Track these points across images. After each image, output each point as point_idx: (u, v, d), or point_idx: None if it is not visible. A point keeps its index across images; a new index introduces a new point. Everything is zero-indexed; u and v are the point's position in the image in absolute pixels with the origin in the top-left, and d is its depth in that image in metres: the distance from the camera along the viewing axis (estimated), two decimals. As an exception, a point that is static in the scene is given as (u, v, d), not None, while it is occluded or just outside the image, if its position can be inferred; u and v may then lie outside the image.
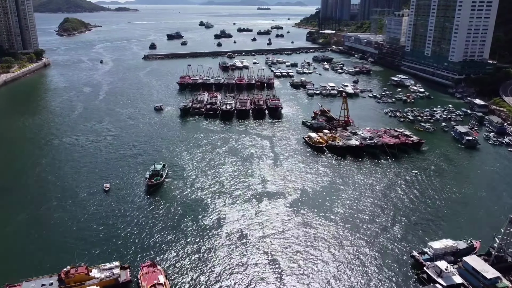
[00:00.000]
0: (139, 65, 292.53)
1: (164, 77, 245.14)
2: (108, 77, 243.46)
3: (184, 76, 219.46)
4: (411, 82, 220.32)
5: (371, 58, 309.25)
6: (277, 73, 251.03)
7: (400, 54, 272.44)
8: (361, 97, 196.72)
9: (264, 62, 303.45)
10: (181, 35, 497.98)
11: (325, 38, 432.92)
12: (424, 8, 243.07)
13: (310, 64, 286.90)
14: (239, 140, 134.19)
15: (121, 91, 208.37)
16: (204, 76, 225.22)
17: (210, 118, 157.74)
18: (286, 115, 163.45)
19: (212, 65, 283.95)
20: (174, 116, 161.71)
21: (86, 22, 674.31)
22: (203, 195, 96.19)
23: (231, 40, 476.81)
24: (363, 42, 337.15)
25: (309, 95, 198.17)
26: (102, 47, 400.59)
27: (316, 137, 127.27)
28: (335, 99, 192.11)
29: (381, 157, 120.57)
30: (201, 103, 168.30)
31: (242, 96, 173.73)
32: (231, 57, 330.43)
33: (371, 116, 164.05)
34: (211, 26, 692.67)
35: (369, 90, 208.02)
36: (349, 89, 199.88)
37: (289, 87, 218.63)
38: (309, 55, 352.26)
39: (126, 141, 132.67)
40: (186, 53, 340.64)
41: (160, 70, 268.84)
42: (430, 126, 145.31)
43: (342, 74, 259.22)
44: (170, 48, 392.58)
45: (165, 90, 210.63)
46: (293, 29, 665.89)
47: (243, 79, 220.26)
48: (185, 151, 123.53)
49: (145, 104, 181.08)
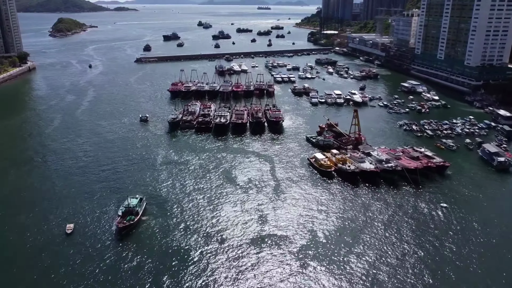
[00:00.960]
0: (131, 69, 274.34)
1: (156, 82, 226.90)
2: (95, 83, 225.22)
3: (176, 83, 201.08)
4: (423, 89, 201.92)
5: (378, 61, 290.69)
6: (277, 78, 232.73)
7: (409, 57, 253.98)
8: (370, 106, 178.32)
9: (264, 65, 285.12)
10: (178, 36, 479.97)
11: (328, 39, 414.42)
12: (436, 7, 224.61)
13: (312, 68, 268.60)
14: (234, 161, 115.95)
15: (107, 99, 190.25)
16: (198, 82, 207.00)
17: (202, 133, 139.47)
18: (287, 129, 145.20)
19: (208, 69, 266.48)
20: (161, 130, 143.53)
21: (81, 23, 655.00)
22: (189, 241, 77.93)
23: (229, 41, 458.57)
24: (368, 43, 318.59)
25: (312, 104, 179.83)
26: (94, 49, 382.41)
27: (323, 159, 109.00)
28: (342, 109, 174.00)
29: (401, 184, 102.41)
30: (193, 115, 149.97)
31: (239, 107, 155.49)
32: (228, 59, 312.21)
33: (384, 130, 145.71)
34: (210, 26, 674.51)
35: (378, 98, 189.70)
36: (357, 97, 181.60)
37: (291, 94, 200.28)
38: (311, 57, 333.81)
39: (102, 163, 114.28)
40: (181, 56, 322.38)
41: (152, 75, 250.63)
42: (453, 144, 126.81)
43: (348, 79, 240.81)
44: (165, 50, 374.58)
45: (155, 98, 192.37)
46: (294, 29, 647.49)
47: (240, 85, 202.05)
48: (170, 177, 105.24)
49: (131, 115, 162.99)
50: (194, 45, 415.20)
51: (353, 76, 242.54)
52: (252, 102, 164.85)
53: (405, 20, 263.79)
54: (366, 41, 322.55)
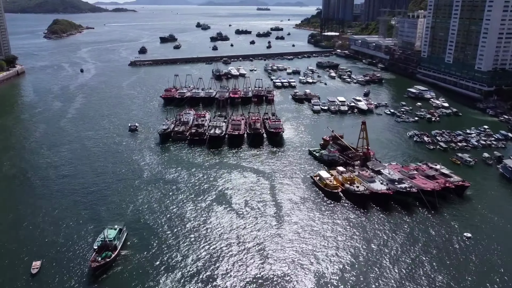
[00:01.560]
0: (124, 73, 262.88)
1: (149, 88, 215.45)
2: (85, 89, 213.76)
3: (169, 89, 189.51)
4: (431, 95, 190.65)
5: (381, 64, 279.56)
6: (277, 83, 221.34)
7: (415, 61, 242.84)
8: (376, 114, 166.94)
9: (263, 68, 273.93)
10: (175, 38, 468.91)
11: (329, 41, 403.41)
12: (444, 8, 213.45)
13: (314, 72, 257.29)
14: (230, 180, 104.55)
15: (96, 106, 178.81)
16: (193, 88, 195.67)
17: (195, 146, 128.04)
18: (288, 141, 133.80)
19: (205, 72, 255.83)
20: (151, 142, 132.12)
21: (77, 24, 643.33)
22: (175, 284, 66.58)
23: (228, 43, 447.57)
24: (371, 46, 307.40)
25: (315, 112, 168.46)
26: (88, 51, 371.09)
27: (328, 179, 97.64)
28: (346, 117, 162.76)
29: (416, 207, 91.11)
30: (185, 126, 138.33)
31: (236, 116, 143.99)
32: (226, 62, 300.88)
33: (393, 141, 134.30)
34: (208, 28, 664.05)
35: (384, 105, 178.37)
36: (362, 105, 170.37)
37: (291, 101, 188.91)
38: (312, 60, 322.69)
39: (81, 183, 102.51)
40: (177, 59, 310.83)
41: (146, 79, 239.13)
42: (471, 159, 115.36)
43: (351, 84, 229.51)
44: (161, 52, 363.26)
45: (147, 105, 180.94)
46: (293, 30, 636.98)
47: (238, 91, 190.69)
48: (156, 200, 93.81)
49: (120, 124, 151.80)
50: (191, 47, 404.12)
51: (357, 80, 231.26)
52: (250, 111, 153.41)
53: (410, 22, 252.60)
54: (369, 43, 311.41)
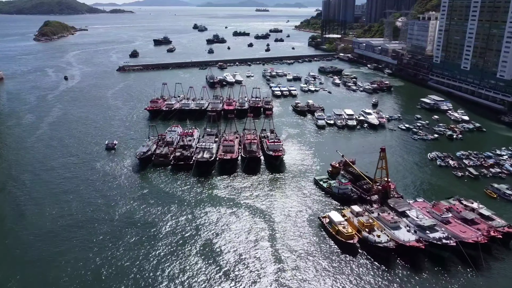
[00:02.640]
0: (111, 79, 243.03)
1: (136, 97, 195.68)
2: (65, 99, 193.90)
3: (156, 99, 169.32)
4: (448, 106, 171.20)
5: (388, 70, 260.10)
6: (276, 91, 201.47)
7: (426, 66, 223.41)
8: (389, 129, 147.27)
9: (261, 74, 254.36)
10: (169, 40, 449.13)
11: (330, 44, 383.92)
12: (460, 10, 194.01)
13: (316, 78, 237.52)
14: (219, 224, 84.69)
15: (73, 120, 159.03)
16: (183, 98, 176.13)
17: (180, 173, 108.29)
18: (290, 165, 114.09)
19: (198, 78, 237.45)
20: (128, 165, 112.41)
21: (70, 26, 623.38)
22: None
23: (224, 45, 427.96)
24: (376, 49, 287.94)
25: (319, 127, 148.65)
26: (76, 55, 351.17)
27: (341, 224, 77.99)
28: (355, 134, 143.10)
29: (454, 264, 71.51)
30: (169, 147, 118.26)
31: (228, 135, 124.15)
32: (222, 67, 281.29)
33: (412, 166, 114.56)
34: (205, 29, 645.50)
35: (397, 118, 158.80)
36: (373, 119, 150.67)
37: (292, 113, 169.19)
38: (313, 64, 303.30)
39: (30, 232, 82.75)
40: (169, 64, 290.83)
41: (134, 87, 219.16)
42: (511, 191, 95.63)
43: (357, 92, 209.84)
44: (154, 56, 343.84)
45: (131, 118, 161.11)
46: (293, 32, 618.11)
47: (233, 102, 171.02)
48: (124, 257, 73.87)
49: (97, 141, 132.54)
50: (186, 51, 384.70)
51: (363, 88, 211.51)
52: (245, 127, 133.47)
53: (420, 24, 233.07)
54: (374, 46, 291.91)
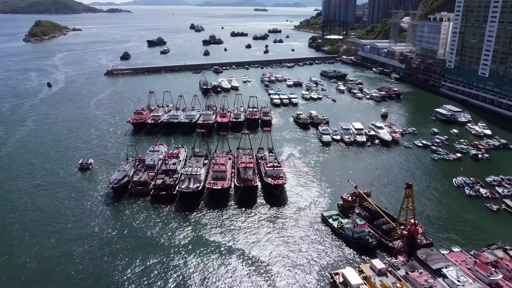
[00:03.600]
0: (98, 85, 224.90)
1: (122, 106, 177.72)
2: (42, 108, 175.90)
3: (140, 111, 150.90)
4: (467, 118, 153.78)
5: (396, 74, 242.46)
6: (275, 99, 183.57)
7: (438, 72, 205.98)
8: (404, 146, 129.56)
9: (259, 79, 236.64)
10: (164, 41, 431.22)
11: (332, 45, 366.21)
12: (478, 10, 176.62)
13: (318, 84, 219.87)
14: (205, 279, 67.06)
15: (47, 133, 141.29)
16: (172, 108, 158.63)
17: (161, 206, 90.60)
18: (292, 194, 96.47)
19: (191, 83, 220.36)
20: (102, 192, 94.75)
21: (63, 26, 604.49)
22: None
23: (221, 47, 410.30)
24: (382, 52, 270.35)
25: (324, 144, 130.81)
26: (64, 57, 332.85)
27: (359, 287, 60.42)
28: (365, 151, 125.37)
29: None
30: (149, 172, 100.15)
31: (220, 158, 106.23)
32: (217, 71, 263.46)
33: (436, 195, 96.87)
34: (202, 30, 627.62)
35: (412, 132, 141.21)
36: (385, 133, 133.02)
37: (293, 126, 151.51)
38: (314, 68, 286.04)
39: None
40: (161, 67, 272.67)
41: (121, 94, 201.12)
42: None
43: (363, 100, 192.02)
44: (147, 58, 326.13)
45: (112, 132, 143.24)
46: (292, 33, 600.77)
47: (227, 112, 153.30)
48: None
49: (70, 160, 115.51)
50: (180, 52, 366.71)
51: (370, 95, 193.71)
52: (239, 146, 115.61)
53: (431, 26, 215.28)
54: (379, 49, 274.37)
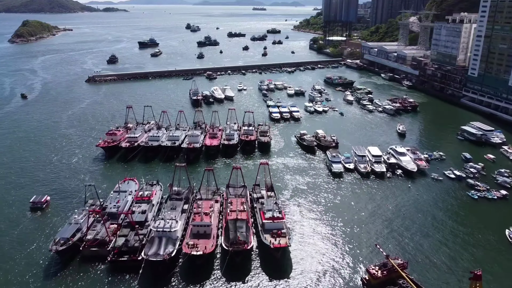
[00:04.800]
0: (77, 94, 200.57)
1: (98, 122, 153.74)
2: (2, 127, 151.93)
3: (114, 131, 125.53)
4: (501, 138, 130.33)
5: (408, 81, 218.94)
6: (274, 113, 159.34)
7: (458, 80, 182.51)
8: (432, 178, 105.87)
9: (257, 87, 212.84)
10: (156, 42, 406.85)
11: (335, 48, 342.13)
12: (509, 11, 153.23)
13: (322, 93, 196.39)
14: None
15: (2, 157, 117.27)
16: (154, 126, 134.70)
17: (122, 276, 66.93)
18: (298, 261, 72.68)
19: (181, 91, 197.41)
20: (40, 263, 70.93)
21: (53, 26, 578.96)
22: None
23: (217, 48, 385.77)
24: (391, 56, 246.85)
25: (335, 175, 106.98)
26: (46, 60, 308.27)
27: None
28: (385, 185, 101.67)
29: None
30: (110, 223, 76.64)
31: (203, 203, 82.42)
32: (211, 77, 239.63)
33: (486, 257, 73.35)
34: (198, 30, 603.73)
35: (439, 157, 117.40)
36: (408, 162, 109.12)
37: (296, 148, 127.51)
38: (317, 73, 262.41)
39: None
40: (150, 73, 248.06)
41: (101, 107, 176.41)
42: None
43: (375, 113, 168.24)
44: (136, 62, 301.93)
45: (79, 160, 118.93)
46: (292, 33, 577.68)
47: (218, 132, 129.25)
48: None
49: (21, 197, 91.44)
50: (173, 55, 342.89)
51: (383, 108, 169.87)
52: (229, 183, 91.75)
53: (450, 28, 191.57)
54: (388, 52, 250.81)
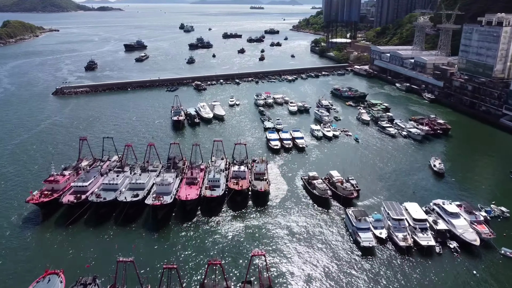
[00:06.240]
0: (37, 111, 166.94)
1: (50, 156, 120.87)
2: None
3: (55, 177, 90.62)
4: None
5: (429, 94, 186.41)
6: (273, 141, 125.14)
7: (496, 95, 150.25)
8: (500, 254, 73.28)
9: (253, 101, 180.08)
10: (144, 45, 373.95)
11: (339, 51, 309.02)
12: None
13: (330, 109, 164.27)
14: None
15: None
16: (116, 164, 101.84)
17: None
18: None
19: (161, 109, 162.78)
20: None
21: (37, 26, 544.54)
22: None
23: (210, 51, 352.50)
24: (407, 63, 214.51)
25: (364, 250, 74.04)
26: (16, 67, 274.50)
27: None
28: (437, 269, 69.02)
29: None
30: None
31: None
32: (199, 88, 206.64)
33: None
34: (192, 30, 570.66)
35: (501, 214, 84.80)
36: (465, 229, 76.28)
37: (304, 196, 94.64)
38: (321, 82, 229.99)
39: None
40: (128, 83, 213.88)
41: (59, 130, 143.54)
42: None
43: (397, 138, 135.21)
44: (117, 68, 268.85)
45: (5, 219, 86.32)
46: (291, 33, 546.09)
47: (198, 175, 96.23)
48: None
49: None
50: (160, 59, 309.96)
51: (407, 131, 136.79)
52: (204, 283, 59.21)
53: (485, 32, 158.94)
54: (403, 59, 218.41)
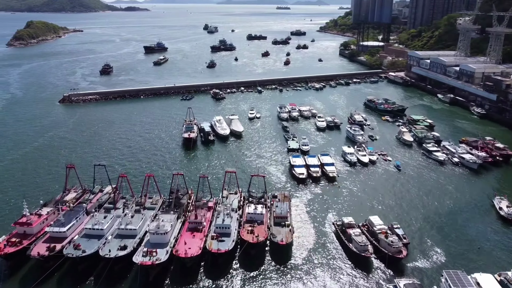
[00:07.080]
0: (40, 122, 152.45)
1: (37, 182, 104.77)
2: None
3: (27, 219, 73.21)
4: None
5: (478, 108, 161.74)
6: (298, 169, 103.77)
7: None
8: None
9: (276, 114, 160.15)
10: (165, 47, 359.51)
11: (371, 56, 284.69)
12: None
13: (364, 125, 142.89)
14: None
15: None
16: (108, 198, 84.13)
17: None
18: None
19: (172, 122, 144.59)
20: None
21: (60, 26, 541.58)
22: None
23: (232, 55, 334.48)
24: (451, 71, 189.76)
25: None
26: (29, 70, 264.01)
27: None
28: None
29: None
30: None
31: None
32: (217, 96, 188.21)
33: None
34: (215, 31, 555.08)
35: None
36: None
37: (337, 253, 73.83)
38: (352, 90, 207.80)
39: None
40: (141, 90, 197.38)
41: (58, 146, 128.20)
42: None
43: (447, 166, 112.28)
44: (134, 72, 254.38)
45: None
46: (318, 35, 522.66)
47: (204, 218, 77.40)
48: None
49: None
50: (179, 63, 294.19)
51: (459, 157, 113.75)
52: None
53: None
54: (447, 66, 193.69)
